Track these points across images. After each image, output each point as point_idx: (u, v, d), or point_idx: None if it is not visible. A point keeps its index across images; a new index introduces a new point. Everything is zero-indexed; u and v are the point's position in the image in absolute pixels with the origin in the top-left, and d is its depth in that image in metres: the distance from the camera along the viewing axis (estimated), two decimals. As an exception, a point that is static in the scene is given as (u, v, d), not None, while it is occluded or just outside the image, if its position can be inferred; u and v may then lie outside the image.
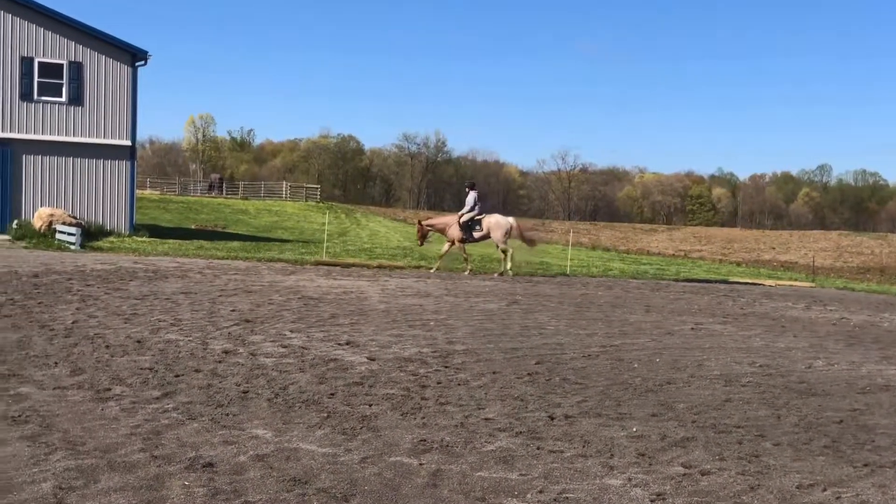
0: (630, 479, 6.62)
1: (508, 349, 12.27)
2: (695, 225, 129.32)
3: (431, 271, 24.77)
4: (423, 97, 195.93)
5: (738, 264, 53.63)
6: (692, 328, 15.53)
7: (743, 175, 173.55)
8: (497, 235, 24.89)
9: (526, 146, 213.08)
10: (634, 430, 8.11)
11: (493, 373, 10.51)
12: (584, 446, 7.48)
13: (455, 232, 25.02)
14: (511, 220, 25.36)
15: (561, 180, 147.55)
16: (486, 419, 8.23)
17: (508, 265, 25.15)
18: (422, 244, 26.73)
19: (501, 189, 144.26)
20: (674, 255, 62.92)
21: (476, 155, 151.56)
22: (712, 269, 41.58)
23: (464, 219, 24.92)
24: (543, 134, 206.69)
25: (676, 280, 28.81)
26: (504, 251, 25.22)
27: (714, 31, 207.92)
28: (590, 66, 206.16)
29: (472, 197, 25.15)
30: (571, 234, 42.14)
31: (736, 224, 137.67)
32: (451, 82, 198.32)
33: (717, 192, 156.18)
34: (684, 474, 6.82)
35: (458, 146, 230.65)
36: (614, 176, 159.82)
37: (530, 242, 26.67)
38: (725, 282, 29.87)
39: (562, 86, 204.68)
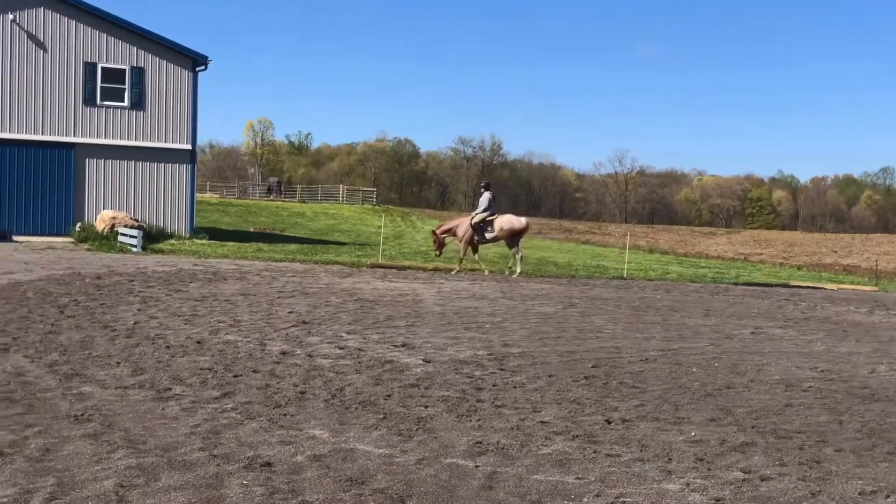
0: (688, 484, 6.54)
1: (565, 352, 12.21)
2: (754, 228, 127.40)
3: (452, 273, 24.62)
4: (480, 100, 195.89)
5: (799, 268, 52.75)
6: (752, 332, 15.31)
7: (804, 178, 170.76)
8: (509, 236, 24.85)
9: (583, 149, 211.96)
10: (693, 434, 8.01)
11: (549, 376, 10.47)
12: (641, 450, 7.41)
13: (463, 231, 25.01)
14: (524, 220, 25.43)
15: (618, 183, 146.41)
16: (542, 422, 8.20)
17: (518, 267, 25.10)
18: (439, 253, 26.43)
19: (558, 192, 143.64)
20: (733, 258, 62.06)
21: (532, 157, 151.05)
22: (772, 272, 40.98)
23: (476, 220, 24.82)
24: (600, 136, 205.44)
25: (736, 284, 28.43)
26: (516, 252, 25.20)
27: (774, 35, 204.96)
28: (648, 68, 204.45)
29: (486, 197, 25.02)
30: (629, 237, 41.83)
31: (796, 227, 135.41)
32: (507, 85, 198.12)
33: (778, 194, 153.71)
34: (744, 480, 6.72)
35: (514, 149, 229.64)
36: (672, 178, 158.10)
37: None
38: (786, 285, 29.42)
39: (619, 88, 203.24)
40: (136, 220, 31.72)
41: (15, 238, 30.12)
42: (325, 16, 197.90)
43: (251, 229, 47.76)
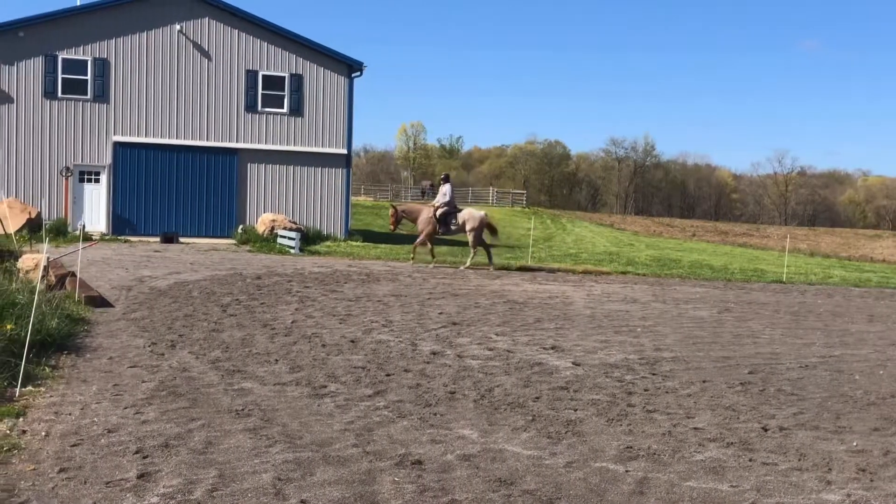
0: (849, 496, 6.28)
1: (719, 357, 11.91)
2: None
3: (409, 264, 24.65)
4: (632, 100, 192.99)
5: (975, 273, 49.65)
6: (921, 340, 14.53)
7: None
8: (472, 229, 24.48)
9: (740, 148, 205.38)
10: (855, 444, 7.68)
11: (703, 381, 10.23)
12: (799, 459, 7.16)
13: (424, 223, 24.62)
14: (483, 213, 25.18)
15: (777, 184, 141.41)
16: (695, 428, 8.02)
17: (469, 261, 24.90)
18: (394, 229, 26.15)
19: (713, 193, 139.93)
20: (901, 262, 59.00)
21: (686, 158, 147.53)
22: (945, 277, 38.72)
23: (440, 212, 24.39)
24: (759, 136, 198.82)
25: (904, 289, 27.03)
26: (476, 245, 24.89)
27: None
28: (810, 65, 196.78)
29: (448, 189, 24.70)
30: (788, 239, 40.37)
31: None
32: (660, 84, 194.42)
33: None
34: (911, 494, 6.40)
35: (668, 150, 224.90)
36: (835, 179, 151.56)
37: (493, 230, 26.02)
38: (960, 291, 27.74)
39: (779, 85, 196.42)
40: (294, 223, 32.77)
41: (181, 240, 31.58)
42: (478, 20, 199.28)
43: (403, 232, 48.50)
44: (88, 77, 32.52)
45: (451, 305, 16.08)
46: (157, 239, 31.40)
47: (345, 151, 35.33)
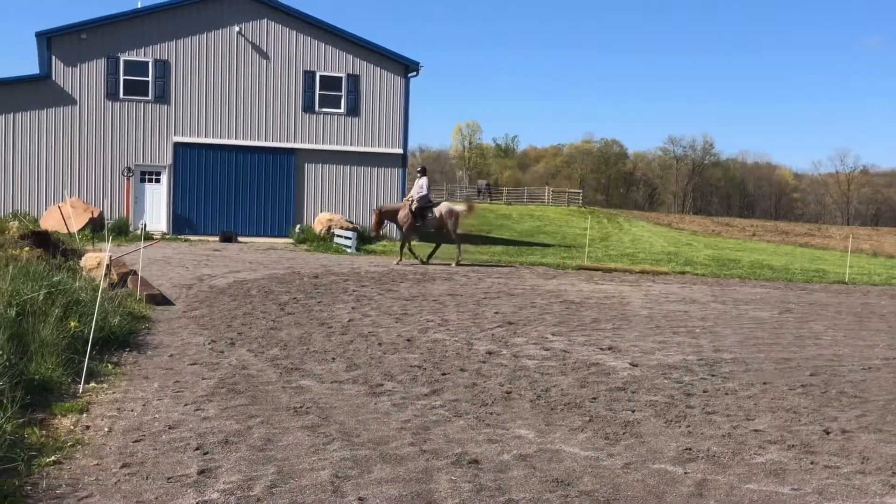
0: (916, 502, 6.14)
1: (780, 359, 11.73)
2: None
3: (394, 265, 23.99)
4: (690, 98, 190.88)
5: None
6: None
7: None
8: (450, 223, 24.29)
9: (801, 147, 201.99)
10: (921, 449, 7.51)
11: (764, 383, 10.09)
12: (862, 462, 7.02)
13: (404, 219, 24.36)
14: (459, 207, 25.16)
15: (839, 183, 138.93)
16: (756, 430, 7.91)
17: (459, 256, 24.71)
18: (377, 233, 25.66)
19: (774, 192, 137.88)
20: (968, 262, 57.59)
21: (746, 157, 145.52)
22: None
23: (416, 205, 24.02)
24: (820, 134, 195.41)
25: (971, 290, 26.38)
26: (455, 240, 24.82)
27: None
28: (873, 61, 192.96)
29: (424, 182, 24.28)
30: (850, 239, 39.59)
31: None
32: (718, 82, 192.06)
33: None
34: (980, 501, 6.24)
35: (727, 148, 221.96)
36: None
37: (470, 209, 26.16)
38: None
39: (841, 83, 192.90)
40: (351, 223, 32.99)
41: (240, 239, 31.95)
42: (532, 19, 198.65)
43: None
44: (149, 78, 33.05)
45: (507, 305, 16.05)
46: (216, 238, 31.82)
47: (401, 151, 35.47)
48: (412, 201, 24.50)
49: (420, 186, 24.62)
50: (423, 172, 25.15)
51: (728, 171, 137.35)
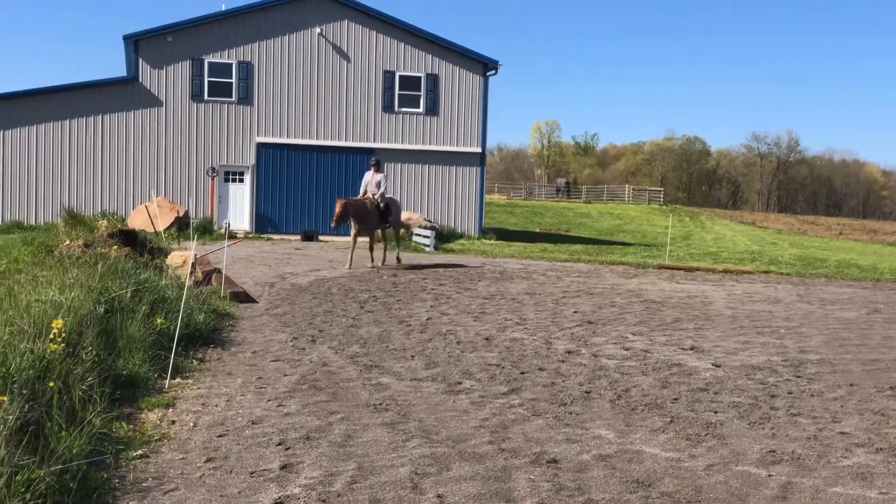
0: None
1: (868, 360, 11.42)
2: None
3: (369, 266, 21.70)
4: (775, 94, 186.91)
5: None
6: None
7: None
8: (400, 221, 23.49)
9: (890, 144, 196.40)
10: None
11: (851, 385, 9.84)
12: (957, 470, 6.80)
13: (417, 221, 23.70)
14: (415, 215, 25.01)
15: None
16: (842, 433, 7.72)
17: (398, 250, 23.48)
18: (336, 226, 21.83)
19: (861, 190, 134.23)
20: None
21: (833, 154, 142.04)
22: None
23: (383, 205, 21.71)
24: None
25: None
26: (402, 237, 24.29)
27: None
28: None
29: (381, 178, 22.05)
30: (943, 238, 38.33)
31: None
32: (805, 76, 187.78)
33: None
34: None
35: (813, 145, 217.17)
36: None
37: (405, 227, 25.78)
38: None
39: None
40: (429, 221, 33.12)
41: (321, 238, 32.31)
42: (612, 15, 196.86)
43: (537, 230, 48.45)
44: (233, 80, 33.66)
45: (586, 304, 15.94)
46: (298, 237, 32.23)
47: (479, 150, 35.48)
48: (378, 200, 21.81)
49: (377, 183, 22.06)
50: (379, 167, 22.73)
51: (814, 169, 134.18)
